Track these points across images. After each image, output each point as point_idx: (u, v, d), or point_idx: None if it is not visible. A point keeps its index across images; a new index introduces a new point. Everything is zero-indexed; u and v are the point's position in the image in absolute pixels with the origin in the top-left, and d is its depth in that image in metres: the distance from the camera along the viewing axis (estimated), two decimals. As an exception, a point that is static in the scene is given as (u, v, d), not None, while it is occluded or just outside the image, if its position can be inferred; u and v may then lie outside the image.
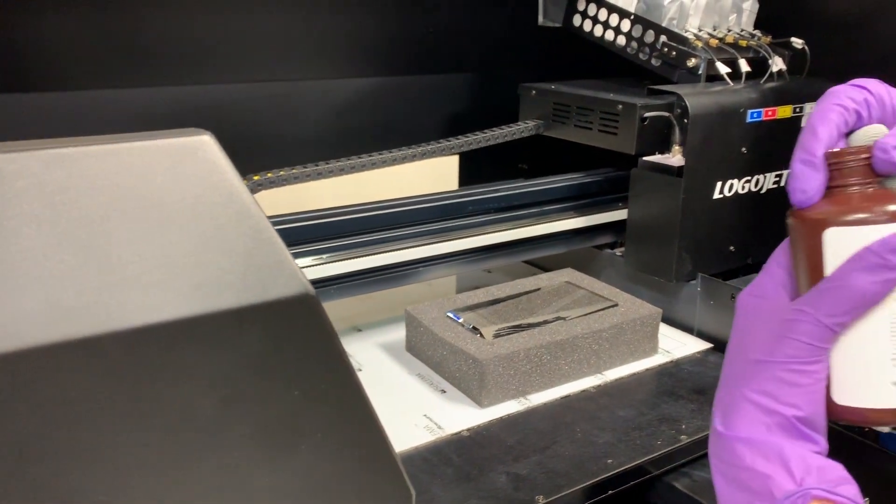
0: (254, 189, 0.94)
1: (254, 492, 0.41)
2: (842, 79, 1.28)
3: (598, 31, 1.15)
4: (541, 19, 1.24)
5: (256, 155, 1.14)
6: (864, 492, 0.77)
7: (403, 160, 1.04)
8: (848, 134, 0.39)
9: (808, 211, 0.38)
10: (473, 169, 1.34)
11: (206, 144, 0.38)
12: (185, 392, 0.37)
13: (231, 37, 1.07)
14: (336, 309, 1.08)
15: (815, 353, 0.37)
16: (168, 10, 1.01)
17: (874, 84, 0.40)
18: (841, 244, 0.36)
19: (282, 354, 0.39)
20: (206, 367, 0.37)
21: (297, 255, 0.93)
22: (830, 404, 0.40)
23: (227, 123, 1.11)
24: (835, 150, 0.38)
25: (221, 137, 1.18)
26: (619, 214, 1.11)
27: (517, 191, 1.07)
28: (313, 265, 0.93)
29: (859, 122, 0.39)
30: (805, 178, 0.38)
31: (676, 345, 1.00)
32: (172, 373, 0.37)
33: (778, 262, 0.41)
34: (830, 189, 0.38)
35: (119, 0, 0.97)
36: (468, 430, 0.82)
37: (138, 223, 0.36)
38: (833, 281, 0.36)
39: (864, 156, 0.37)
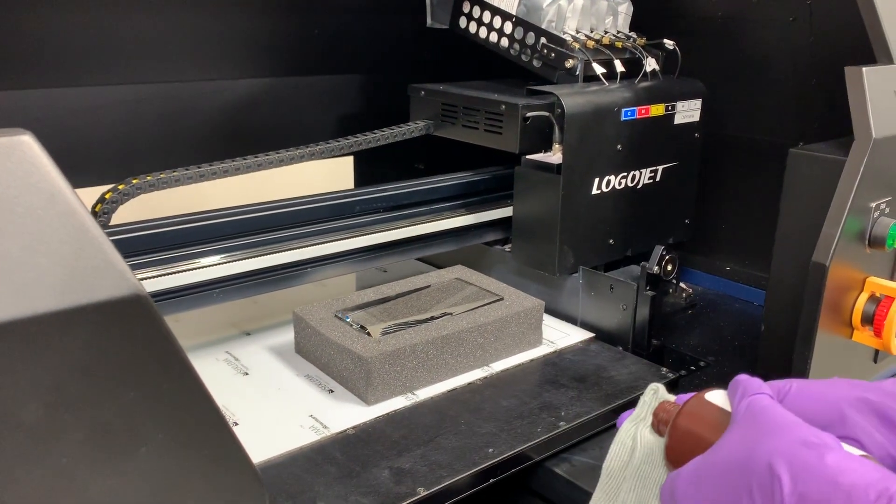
0: (132, 192, 0.92)
1: (93, 496, 0.41)
2: (710, 78, 1.33)
3: (483, 33, 1.18)
4: (429, 21, 1.25)
5: (144, 158, 1.11)
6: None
7: (292, 161, 1.04)
8: None
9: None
10: (370, 170, 1.34)
11: (24, 145, 0.37)
12: (6, 398, 0.36)
13: (113, 37, 1.04)
14: (225, 312, 1.07)
15: None
16: (49, 9, 0.97)
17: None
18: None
19: (112, 357, 0.39)
20: (28, 372, 0.36)
21: (182, 258, 0.91)
22: None
23: (110, 126, 1.08)
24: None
25: (105, 140, 1.14)
26: (507, 211, 1.14)
27: (405, 190, 1.08)
28: (200, 267, 0.91)
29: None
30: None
31: (560, 335, 1.04)
32: (-8, 379, 0.36)
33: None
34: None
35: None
36: (354, 427, 0.82)
37: (-51, 226, 0.35)
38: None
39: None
